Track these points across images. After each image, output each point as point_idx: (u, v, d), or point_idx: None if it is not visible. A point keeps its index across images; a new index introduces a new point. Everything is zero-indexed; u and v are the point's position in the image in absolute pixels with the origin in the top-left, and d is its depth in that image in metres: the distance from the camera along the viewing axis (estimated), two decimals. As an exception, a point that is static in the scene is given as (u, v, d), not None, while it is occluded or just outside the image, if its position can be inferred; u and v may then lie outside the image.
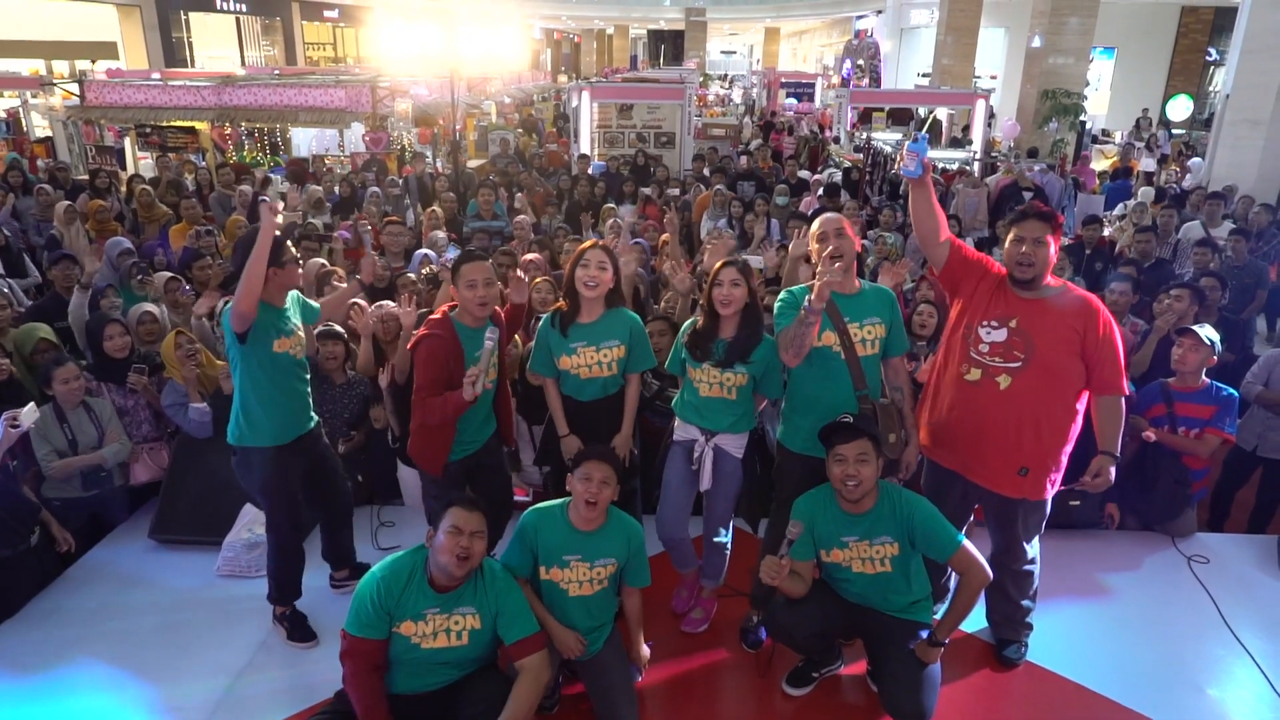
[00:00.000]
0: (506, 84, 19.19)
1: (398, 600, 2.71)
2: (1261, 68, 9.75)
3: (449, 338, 3.18)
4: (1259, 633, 3.52)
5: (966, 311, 3.12)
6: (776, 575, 2.83)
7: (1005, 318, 3.01)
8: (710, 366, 3.24)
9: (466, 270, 3.18)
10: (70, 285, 5.34)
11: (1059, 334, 2.95)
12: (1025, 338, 2.97)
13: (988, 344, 3.02)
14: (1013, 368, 2.97)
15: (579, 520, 2.96)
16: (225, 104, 10.60)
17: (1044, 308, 2.99)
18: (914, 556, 2.99)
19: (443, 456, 3.27)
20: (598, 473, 2.90)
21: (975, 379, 3.03)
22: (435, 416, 3.15)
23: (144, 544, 4.07)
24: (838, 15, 36.00)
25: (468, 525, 2.70)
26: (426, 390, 3.16)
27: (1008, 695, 3.24)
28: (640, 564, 3.06)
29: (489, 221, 7.68)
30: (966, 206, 9.03)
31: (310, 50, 31.91)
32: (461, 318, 3.24)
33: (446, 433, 3.23)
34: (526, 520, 3.02)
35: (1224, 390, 4.07)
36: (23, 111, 14.53)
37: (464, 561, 2.68)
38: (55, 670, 3.29)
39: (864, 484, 2.89)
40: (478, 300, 3.17)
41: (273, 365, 3.23)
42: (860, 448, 2.88)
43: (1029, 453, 3.02)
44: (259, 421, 3.24)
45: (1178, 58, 23.73)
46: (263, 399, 3.23)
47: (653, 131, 12.91)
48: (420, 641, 2.73)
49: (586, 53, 48.22)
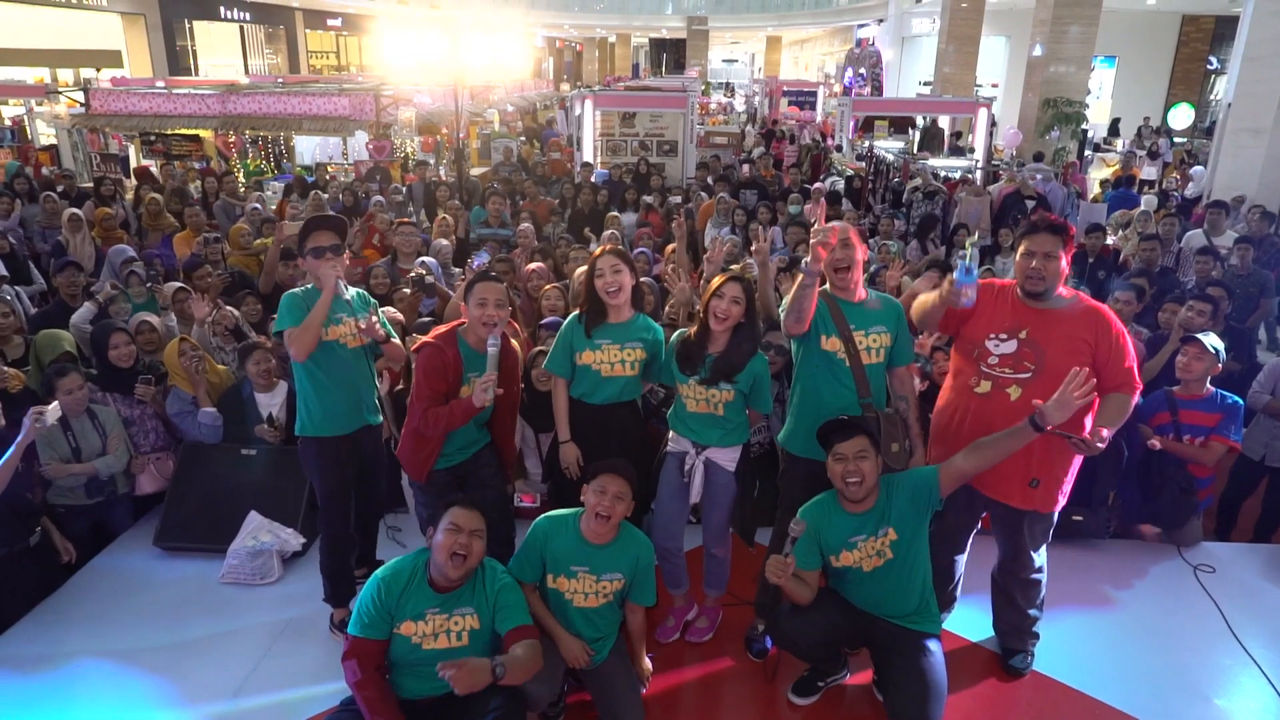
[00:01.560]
0: (509, 92, 19.24)
1: (398, 600, 2.73)
2: (1263, 76, 9.76)
3: (451, 353, 3.17)
4: (1266, 642, 3.51)
5: (974, 326, 3.09)
6: (782, 574, 2.83)
7: (1015, 329, 3.00)
8: (695, 383, 3.24)
9: (480, 289, 3.18)
10: (74, 292, 5.35)
11: (1070, 344, 2.93)
12: (1035, 348, 2.95)
13: (997, 356, 3.00)
14: (1023, 379, 2.95)
15: (590, 533, 2.95)
16: (229, 112, 10.67)
17: (1055, 318, 2.97)
18: (913, 540, 2.97)
19: (429, 464, 3.26)
20: (613, 486, 2.89)
21: (985, 391, 3.02)
22: (440, 425, 3.14)
23: (149, 551, 4.07)
24: (839, 24, 36.13)
25: (467, 524, 2.72)
26: (425, 402, 3.15)
27: (1014, 705, 3.23)
28: (647, 583, 3.06)
29: (497, 229, 7.70)
30: (969, 215, 9.03)
31: (314, 59, 32.06)
32: (467, 336, 3.23)
33: (435, 440, 3.22)
34: (538, 526, 3.02)
35: (1229, 398, 4.07)
36: (28, 119, 14.58)
37: (461, 559, 2.70)
38: (59, 677, 3.29)
39: (866, 480, 2.89)
40: (484, 319, 3.14)
41: (323, 354, 3.25)
42: (859, 444, 2.89)
43: (1040, 464, 3.00)
44: (315, 412, 3.31)
45: (1179, 66, 23.78)
46: (318, 388, 3.28)
47: (655, 140, 12.94)
48: (421, 642, 2.74)
49: (589, 61, 48.37)
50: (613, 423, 3.40)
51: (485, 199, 8.79)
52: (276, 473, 4.17)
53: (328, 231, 3.32)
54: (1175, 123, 19.27)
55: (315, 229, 3.32)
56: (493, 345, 3.09)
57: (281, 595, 3.78)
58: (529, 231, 7.02)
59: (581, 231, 8.07)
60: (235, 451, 4.23)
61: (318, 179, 10.72)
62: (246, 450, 4.23)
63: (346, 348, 3.33)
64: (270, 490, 4.13)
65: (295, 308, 3.22)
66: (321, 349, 3.24)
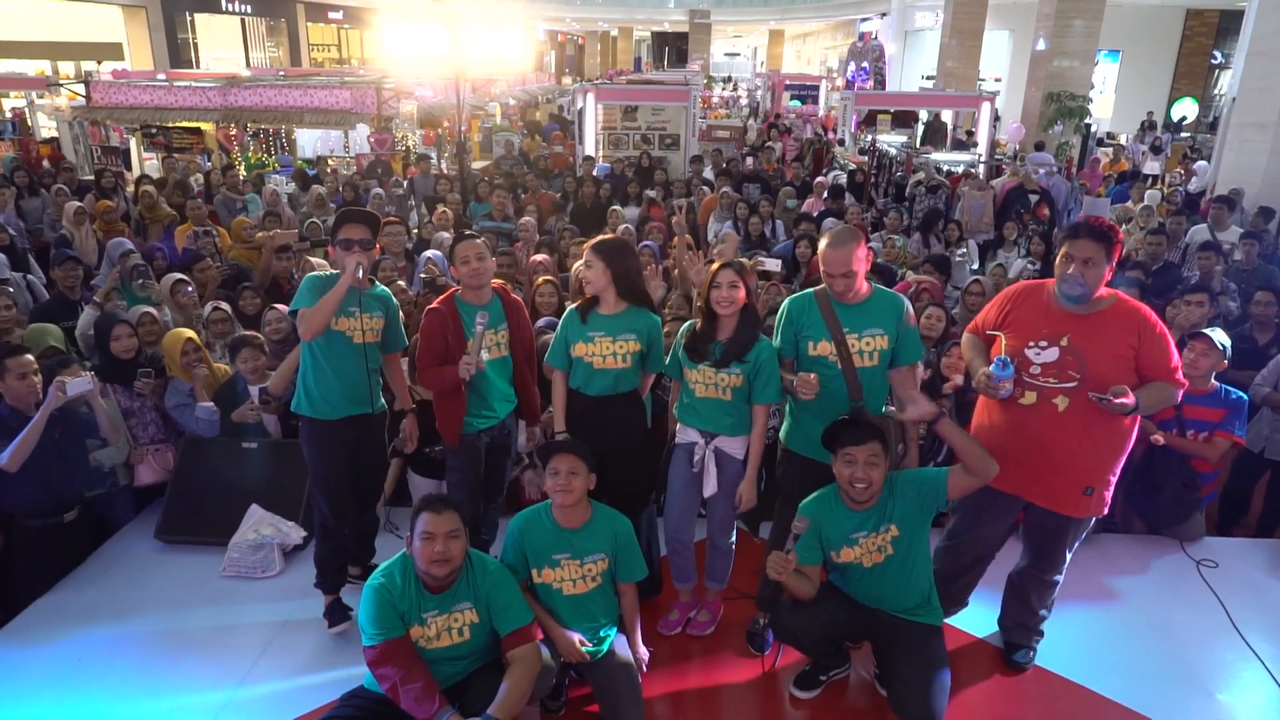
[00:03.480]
0: (511, 85, 19.18)
1: (399, 599, 2.74)
2: (1268, 71, 9.71)
3: (449, 314, 3.34)
4: (1268, 637, 3.51)
5: (1013, 336, 2.99)
6: (783, 570, 2.82)
7: (1055, 336, 2.90)
8: (706, 367, 3.23)
9: (460, 249, 3.39)
10: (73, 285, 5.34)
11: (1114, 349, 2.84)
12: (1078, 356, 2.86)
13: (1039, 365, 2.91)
14: (1068, 388, 2.87)
15: (561, 517, 2.99)
16: (230, 105, 10.61)
17: (1096, 323, 2.88)
18: (915, 537, 2.96)
19: (457, 429, 3.37)
20: (564, 464, 2.92)
21: (1031, 402, 2.93)
22: (435, 386, 3.37)
23: (150, 544, 4.07)
24: (842, 18, 35.99)
25: (439, 528, 2.71)
26: (423, 362, 3.37)
27: (1017, 699, 3.22)
28: (631, 556, 3.07)
29: (500, 223, 7.70)
30: (972, 209, 8.99)
31: (315, 51, 31.99)
32: (464, 295, 3.41)
33: (458, 404, 3.35)
34: (513, 526, 3.05)
35: (1233, 393, 4.05)
36: (28, 112, 14.57)
37: (444, 564, 2.71)
38: (61, 669, 3.28)
39: (874, 485, 2.88)
40: (471, 273, 3.34)
41: (326, 341, 3.31)
42: (871, 450, 2.87)
43: (1093, 472, 2.94)
44: (312, 393, 3.36)
45: (1183, 61, 23.72)
46: (318, 371, 3.34)
47: (657, 133, 12.90)
48: (427, 645, 2.76)
49: (590, 54, 48.22)
50: (611, 414, 3.38)
51: (478, 193, 8.77)
52: (277, 467, 4.17)
53: (359, 225, 3.35)
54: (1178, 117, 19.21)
55: (347, 221, 3.37)
56: (480, 323, 3.24)
57: (283, 588, 3.78)
58: (531, 225, 7.01)
59: (585, 225, 8.05)
60: (236, 445, 4.22)
61: (319, 172, 10.70)
62: (247, 444, 4.23)
63: (351, 341, 3.35)
64: (271, 484, 4.13)
65: (313, 289, 3.27)
66: (326, 336, 3.29)
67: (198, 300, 5.35)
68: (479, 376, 3.31)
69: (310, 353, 3.33)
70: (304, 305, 3.24)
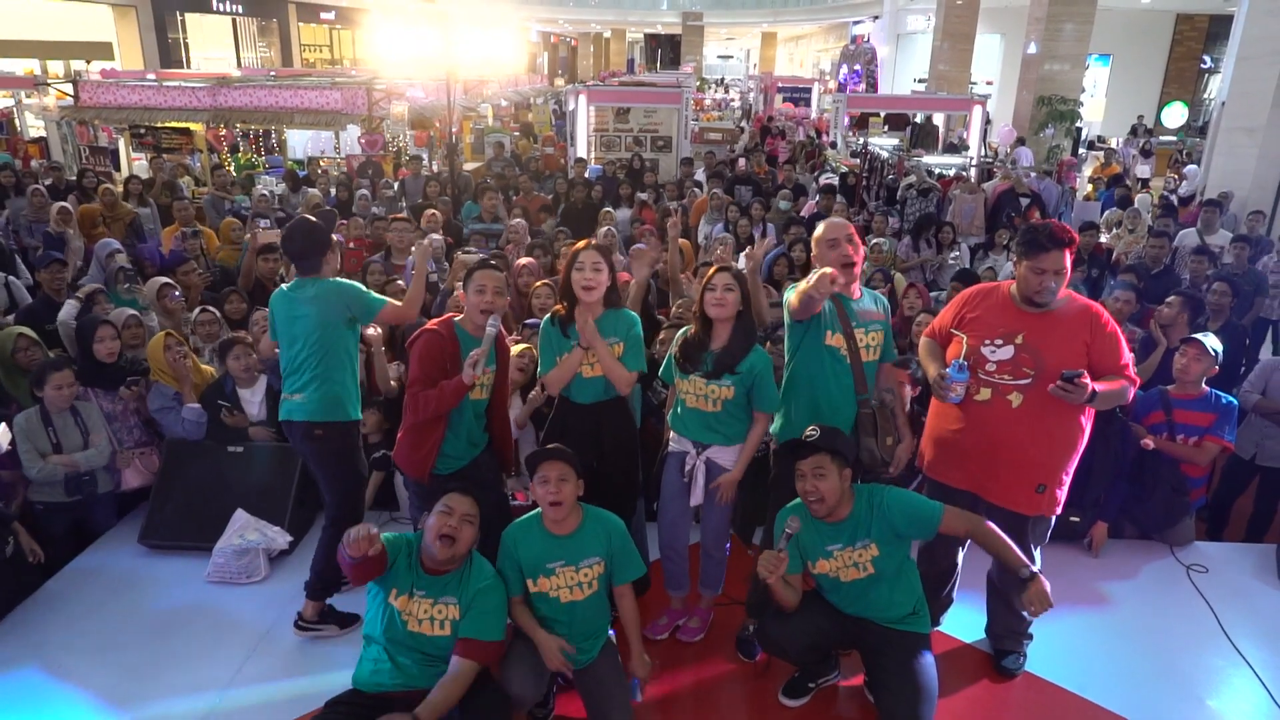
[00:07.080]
0: (503, 87, 19.15)
1: (399, 561, 2.77)
2: (1257, 75, 9.76)
3: (448, 338, 3.16)
4: (1258, 642, 3.50)
5: (968, 334, 3.04)
6: (774, 570, 2.79)
7: (1010, 334, 2.96)
8: (697, 378, 3.21)
9: (479, 276, 3.19)
10: (59, 287, 5.29)
11: (1069, 346, 2.90)
12: (1034, 353, 2.91)
13: (994, 362, 2.96)
14: (1023, 384, 2.91)
15: (552, 525, 2.94)
16: (220, 105, 10.54)
17: (1050, 321, 2.94)
18: (896, 556, 2.94)
19: (430, 460, 3.20)
20: (553, 471, 2.87)
21: (986, 399, 2.97)
22: (430, 409, 3.10)
23: (133, 549, 4.02)
24: (834, 21, 36.09)
25: (459, 507, 2.75)
26: (419, 384, 3.12)
27: (1006, 706, 3.21)
28: (627, 556, 3.00)
29: (489, 224, 7.65)
30: (963, 212, 9.00)
31: (306, 52, 31.85)
32: (465, 324, 3.22)
33: (435, 435, 3.18)
34: (505, 537, 2.99)
35: (1223, 398, 4.05)
36: (16, 111, 14.45)
37: (449, 542, 2.70)
38: (41, 677, 3.24)
39: (825, 498, 2.85)
40: (482, 306, 3.16)
41: (356, 345, 3.50)
42: (816, 462, 2.85)
43: (1045, 469, 2.97)
44: (353, 394, 3.42)
45: (1173, 65, 23.85)
46: (355, 376, 3.45)
47: (649, 135, 12.88)
48: (408, 620, 2.74)
49: (583, 56, 48.21)
50: (603, 421, 3.34)
51: (476, 194, 8.74)
52: (263, 471, 4.13)
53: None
54: (1168, 121, 19.30)
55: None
56: (491, 326, 3.11)
57: (268, 594, 3.74)
58: (520, 227, 6.97)
59: (576, 227, 8.02)
60: (221, 449, 4.18)
61: (309, 173, 10.65)
62: (233, 448, 4.19)
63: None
64: (257, 488, 4.08)
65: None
66: (357, 341, 3.49)
67: (184, 304, 5.30)
68: (460, 409, 3.18)
69: (350, 359, 3.42)
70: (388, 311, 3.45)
